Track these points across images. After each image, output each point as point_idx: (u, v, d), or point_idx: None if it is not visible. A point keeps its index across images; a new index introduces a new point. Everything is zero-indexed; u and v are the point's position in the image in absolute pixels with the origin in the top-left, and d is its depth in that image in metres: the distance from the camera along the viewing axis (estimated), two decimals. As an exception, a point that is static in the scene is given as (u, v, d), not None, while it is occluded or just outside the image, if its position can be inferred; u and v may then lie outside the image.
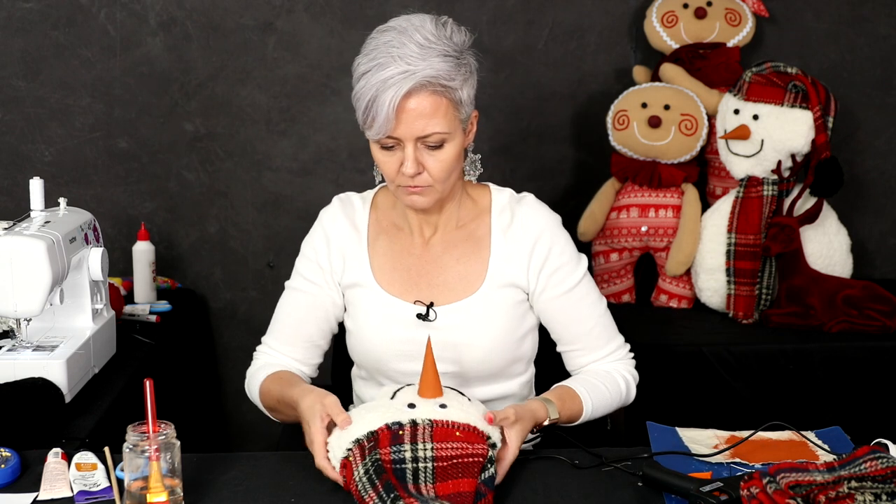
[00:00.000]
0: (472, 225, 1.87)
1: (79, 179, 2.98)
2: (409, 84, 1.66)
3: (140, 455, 1.43)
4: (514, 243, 1.84)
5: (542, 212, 1.87)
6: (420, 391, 1.59)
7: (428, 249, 1.86)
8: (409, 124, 1.69)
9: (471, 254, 1.85)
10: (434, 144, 1.72)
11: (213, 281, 3.08)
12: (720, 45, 2.95)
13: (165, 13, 2.92)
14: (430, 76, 1.67)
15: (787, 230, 2.73)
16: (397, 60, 1.67)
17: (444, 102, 1.70)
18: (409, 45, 1.68)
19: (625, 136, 2.86)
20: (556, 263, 1.84)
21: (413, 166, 1.71)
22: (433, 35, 1.70)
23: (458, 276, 1.84)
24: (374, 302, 1.85)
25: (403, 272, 1.86)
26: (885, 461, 1.41)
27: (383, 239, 1.88)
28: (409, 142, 1.71)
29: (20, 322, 1.97)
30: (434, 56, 1.68)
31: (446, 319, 1.82)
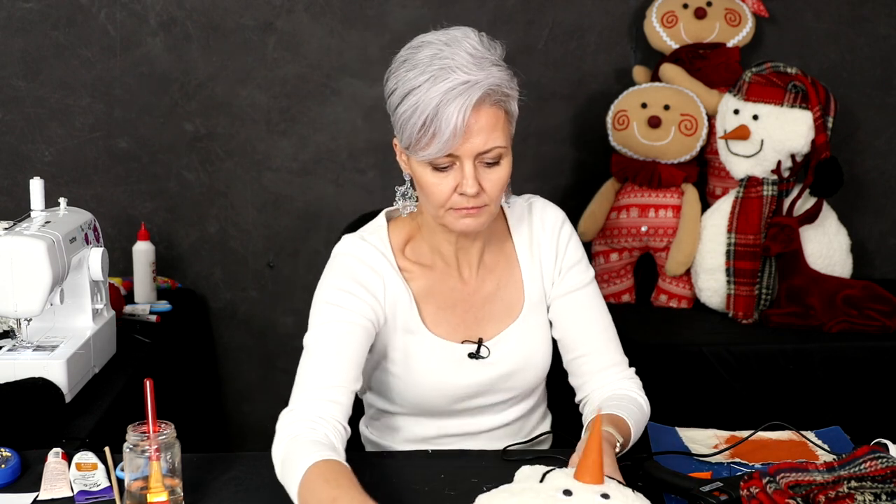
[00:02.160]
0: (497, 244, 1.80)
1: (79, 179, 2.98)
2: (478, 93, 1.55)
3: (140, 455, 1.43)
4: (539, 250, 1.79)
5: (555, 209, 1.82)
6: (578, 474, 1.32)
7: (468, 281, 1.77)
8: (469, 139, 1.57)
9: (507, 277, 1.79)
10: (492, 161, 1.61)
11: (213, 281, 3.08)
12: (720, 45, 2.95)
13: (165, 13, 2.92)
14: (493, 84, 1.57)
15: (786, 230, 2.73)
16: (455, 71, 1.55)
17: (503, 115, 1.61)
18: (461, 55, 1.57)
19: (625, 136, 2.86)
20: (573, 258, 1.79)
21: (474, 185, 1.59)
22: (481, 45, 1.60)
23: (502, 303, 1.78)
24: (423, 346, 1.73)
25: (448, 310, 1.75)
26: (884, 461, 1.41)
27: (419, 279, 1.74)
28: (469, 159, 1.59)
29: (20, 322, 1.97)
30: (489, 66, 1.58)
31: (497, 353, 1.75)
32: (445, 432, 1.81)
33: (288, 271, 3.07)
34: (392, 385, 1.77)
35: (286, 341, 3.08)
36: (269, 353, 3.12)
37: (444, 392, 1.75)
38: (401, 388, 1.77)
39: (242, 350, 3.12)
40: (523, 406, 1.84)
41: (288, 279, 3.08)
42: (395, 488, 1.58)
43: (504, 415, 1.82)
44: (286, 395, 1.66)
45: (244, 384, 3.13)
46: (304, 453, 1.48)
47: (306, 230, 3.06)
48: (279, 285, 3.08)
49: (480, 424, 1.81)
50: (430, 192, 1.63)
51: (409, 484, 1.59)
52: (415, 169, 1.64)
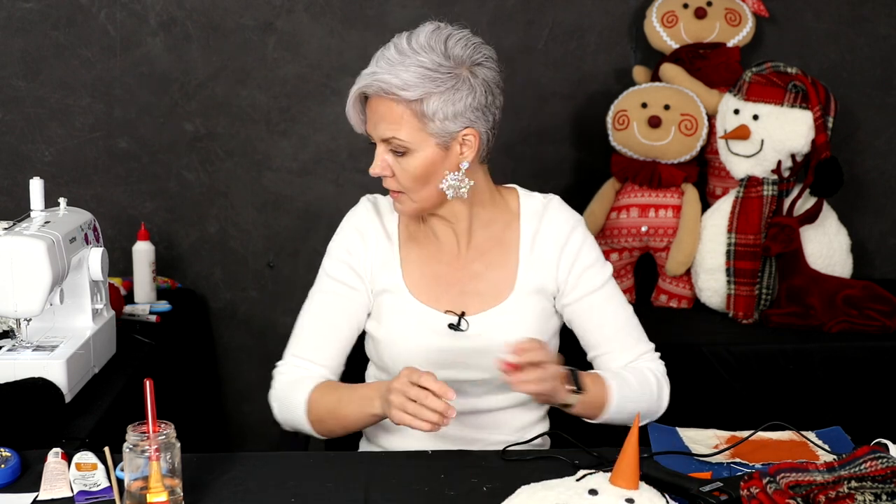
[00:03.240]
0: (501, 231, 1.86)
1: (79, 179, 2.98)
2: (363, 83, 1.72)
3: (140, 455, 1.43)
4: (542, 248, 1.84)
5: (569, 214, 1.88)
6: (613, 478, 1.34)
7: (458, 258, 1.85)
8: (374, 124, 1.74)
9: (500, 261, 1.85)
10: (397, 150, 1.73)
11: (213, 281, 3.08)
12: (720, 45, 2.95)
13: (165, 13, 2.92)
14: (384, 82, 1.69)
15: (787, 230, 2.73)
16: (377, 62, 1.72)
17: (407, 113, 1.70)
18: (391, 49, 1.72)
19: (625, 136, 2.86)
20: (586, 262, 1.85)
21: (377, 166, 1.76)
22: (419, 44, 1.71)
23: (489, 284, 1.84)
24: (405, 309, 1.84)
25: (434, 280, 1.85)
26: (885, 461, 1.41)
27: (413, 245, 1.87)
28: (378, 142, 1.75)
29: (20, 322, 1.97)
30: (405, 65, 1.69)
31: (477, 328, 1.82)
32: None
33: (288, 271, 3.07)
34: (377, 349, 1.88)
35: (286, 341, 3.04)
36: (269, 353, 3.09)
37: (421, 356, 1.81)
38: (382, 351, 1.87)
39: (242, 350, 3.12)
40: (508, 398, 1.86)
41: (288, 279, 3.07)
42: (395, 488, 1.58)
43: (485, 400, 1.85)
44: (286, 395, 1.66)
45: (244, 384, 3.13)
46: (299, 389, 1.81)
47: (306, 230, 3.06)
48: (279, 285, 3.08)
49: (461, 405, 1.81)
50: None
51: (409, 484, 1.59)
52: None
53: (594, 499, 1.31)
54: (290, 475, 1.62)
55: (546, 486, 1.38)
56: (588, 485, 1.34)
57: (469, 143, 1.74)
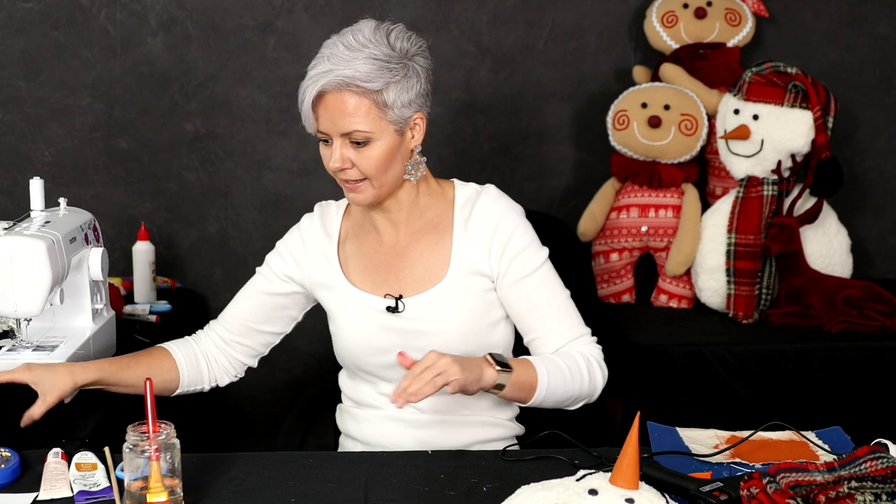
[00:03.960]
0: (436, 218, 1.92)
1: (79, 179, 2.98)
2: (324, 81, 1.75)
3: (140, 455, 1.43)
4: (474, 231, 1.89)
5: (501, 201, 1.91)
6: (613, 478, 1.35)
7: (394, 246, 1.92)
8: (332, 120, 1.78)
9: (434, 245, 1.91)
10: (358, 141, 1.79)
11: (213, 281, 3.08)
12: (720, 45, 2.95)
13: (165, 13, 2.92)
14: (346, 76, 1.75)
15: (787, 230, 2.73)
16: (325, 60, 1.77)
17: (366, 103, 1.76)
18: (338, 47, 1.77)
19: (625, 136, 2.86)
20: (517, 248, 1.88)
21: (338, 161, 1.80)
22: (365, 38, 1.78)
23: (424, 268, 1.90)
24: (346, 300, 1.92)
25: (373, 270, 1.92)
26: (885, 461, 1.41)
27: (352, 241, 1.96)
28: (336, 137, 1.79)
29: (20, 322, 1.97)
30: (359, 59, 1.75)
31: (414, 310, 1.88)
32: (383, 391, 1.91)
33: (288, 271, 3.07)
34: (334, 344, 1.98)
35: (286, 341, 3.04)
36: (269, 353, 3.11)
37: (364, 341, 1.90)
38: (336, 344, 1.97)
39: (242, 350, 3.12)
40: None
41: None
42: (395, 488, 1.58)
43: None
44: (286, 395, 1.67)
45: (244, 384, 3.11)
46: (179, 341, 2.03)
47: (306, 230, 3.05)
48: (279, 285, 3.07)
49: None
50: (324, 164, 1.86)
51: (409, 484, 1.59)
52: None
53: (594, 499, 1.32)
54: (290, 475, 1.62)
55: (546, 486, 1.38)
56: (588, 485, 1.34)
57: (419, 127, 1.85)
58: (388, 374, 1.90)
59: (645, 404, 2.49)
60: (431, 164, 1.93)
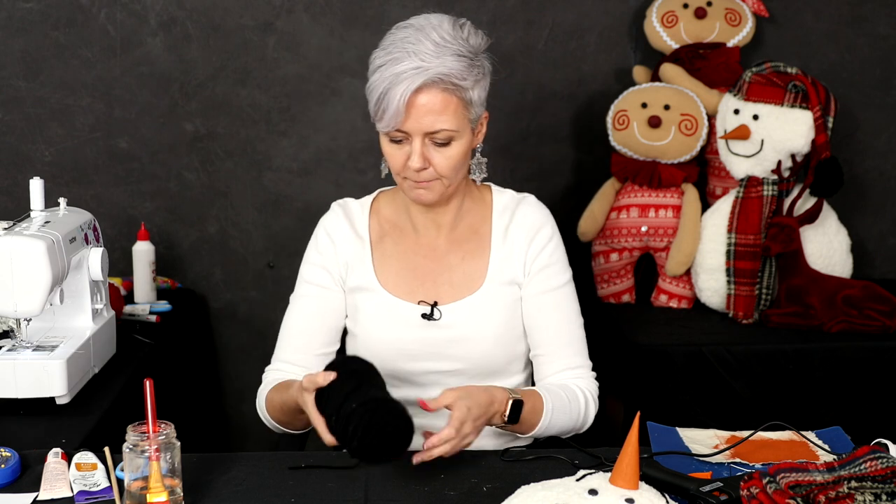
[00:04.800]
0: (475, 224, 1.90)
1: (79, 179, 2.98)
2: (421, 79, 1.70)
3: (140, 455, 1.43)
4: (513, 240, 1.88)
5: (542, 211, 1.91)
6: (613, 478, 1.35)
7: (434, 249, 1.89)
8: (418, 119, 1.72)
9: (474, 252, 1.89)
10: (441, 141, 1.75)
11: (213, 281, 3.08)
12: (720, 45, 2.95)
13: (165, 13, 2.92)
14: (441, 73, 1.70)
15: (787, 230, 2.73)
16: (412, 56, 1.70)
17: (455, 101, 1.73)
18: (424, 43, 1.71)
19: (625, 136, 2.86)
20: (547, 260, 1.87)
21: (419, 161, 1.74)
22: (449, 35, 1.73)
23: (462, 275, 1.87)
24: (378, 305, 1.88)
25: (408, 273, 1.88)
26: (885, 461, 1.41)
27: (387, 242, 1.91)
28: (418, 136, 1.74)
29: (20, 322, 1.97)
30: (448, 55, 1.71)
31: (450, 317, 1.85)
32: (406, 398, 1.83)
33: (288, 271, 3.07)
34: (356, 345, 1.92)
35: (286, 341, 3.07)
36: (269, 353, 3.09)
37: (396, 348, 1.86)
38: (360, 348, 1.90)
39: (242, 350, 3.12)
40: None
41: (288, 279, 3.05)
42: (395, 488, 1.58)
43: None
44: (286, 395, 1.66)
45: (244, 384, 3.13)
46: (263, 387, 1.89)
47: (306, 230, 3.02)
48: (279, 285, 3.08)
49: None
50: (388, 161, 1.81)
51: (409, 484, 1.59)
52: (381, 137, 1.80)
53: (594, 499, 1.32)
54: (290, 475, 1.62)
55: (546, 486, 1.38)
56: (588, 485, 1.34)
57: (483, 126, 1.84)
58: (417, 380, 1.87)
59: (645, 404, 2.49)
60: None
